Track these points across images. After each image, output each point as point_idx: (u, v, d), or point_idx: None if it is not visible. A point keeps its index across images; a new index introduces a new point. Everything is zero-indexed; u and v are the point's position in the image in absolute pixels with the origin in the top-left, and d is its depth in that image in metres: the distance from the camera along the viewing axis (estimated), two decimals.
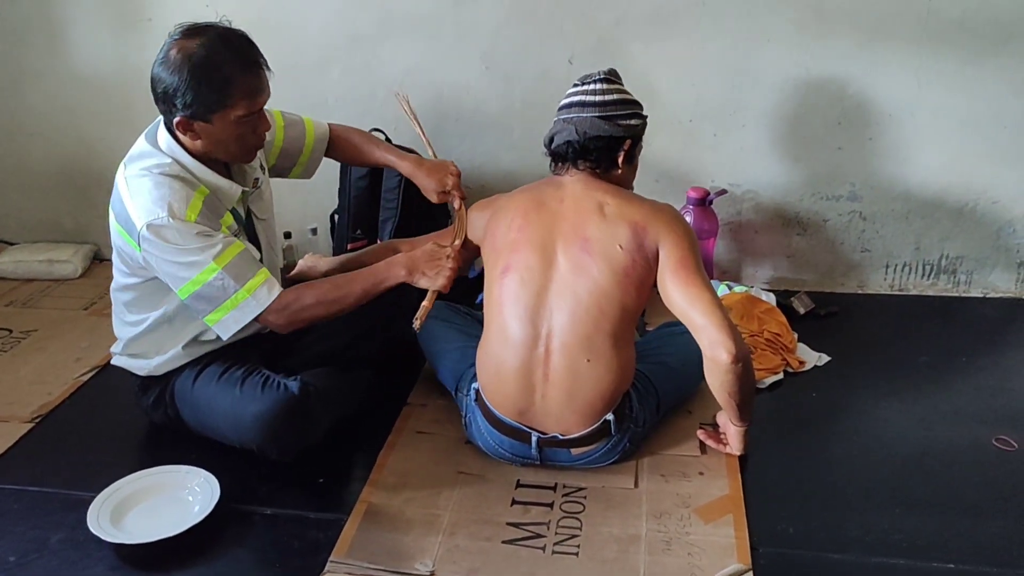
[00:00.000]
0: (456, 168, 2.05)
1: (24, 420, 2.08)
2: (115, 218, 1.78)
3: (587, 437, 1.77)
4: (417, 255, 1.86)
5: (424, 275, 1.84)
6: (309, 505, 1.77)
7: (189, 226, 1.70)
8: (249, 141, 1.78)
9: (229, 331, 1.78)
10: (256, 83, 1.72)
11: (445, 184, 2.02)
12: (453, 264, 1.85)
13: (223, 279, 1.71)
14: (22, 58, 2.82)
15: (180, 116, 1.69)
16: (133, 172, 1.75)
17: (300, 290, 1.81)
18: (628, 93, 1.80)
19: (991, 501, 1.75)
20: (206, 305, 1.75)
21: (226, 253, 1.72)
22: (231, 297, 1.73)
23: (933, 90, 2.40)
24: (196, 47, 1.65)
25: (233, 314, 1.75)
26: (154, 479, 1.80)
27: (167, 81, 1.66)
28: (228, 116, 1.70)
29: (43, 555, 1.65)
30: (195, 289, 1.72)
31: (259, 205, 1.96)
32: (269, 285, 1.77)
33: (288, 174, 2.14)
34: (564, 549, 1.63)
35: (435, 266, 1.85)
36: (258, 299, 1.75)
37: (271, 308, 1.76)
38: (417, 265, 1.84)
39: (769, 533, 1.66)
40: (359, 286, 1.83)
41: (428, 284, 1.85)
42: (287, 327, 1.81)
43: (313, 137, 2.10)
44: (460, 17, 2.54)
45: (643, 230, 1.71)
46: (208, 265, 1.70)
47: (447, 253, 1.86)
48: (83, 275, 2.92)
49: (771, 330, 2.29)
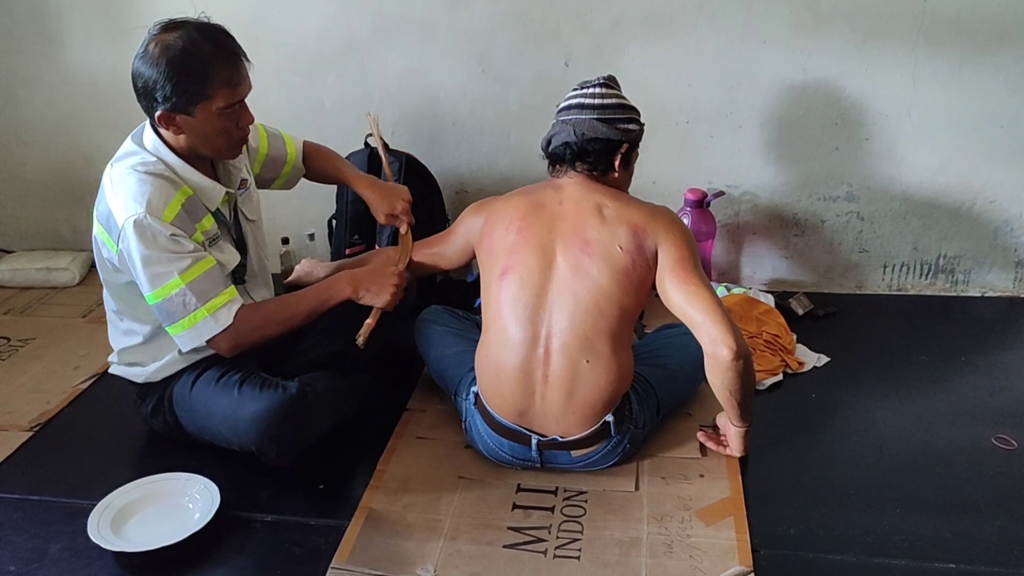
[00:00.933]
0: (408, 195, 2.11)
1: (23, 429, 2.07)
2: (97, 218, 1.79)
3: (587, 439, 1.77)
4: (360, 274, 1.90)
5: (368, 292, 1.87)
6: (310, 511, 1.77)
7: (164, 226, 1.69)
8: (233, 134, 1.78)
9: (186, 346, 1.79)
10: (235, 73, 1.72)
11: (395, 208, 2.07)
12: (396, 282, 1.89)
13: (185, 295, 1.72)
14: (17, 66, 2.82)
15: (161, 110, 1.69)
16: (118, 171, 1.75)
17: (246, 311, 1.80)
18: (627, 99, 1.82)
19: (991, 500, 1.75)
20: (166, 318, 1.76)
21: (193, 269, 1.72)
22: (190, 315, 1.74)
23: (929, 90, 2.41)
24: (174, 40, 1.66)
25: (190, 332, 1.75)
26: (154, 487, 1.79)
27: (146, 75, 1.67)
28: (209, 107, 1.70)
29: (43, 564, 1.65)
30: (158, 301, 1.73)
31: (248, 206, 1.97)
32: (230, 306, 1.77)
33: (271, 185, 2.17)
34: (566, 553, 1.63)
35: (379, 284, 1.88)
36: (217, 320, 1.75)
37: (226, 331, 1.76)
38: (361, 283, 1.87)
39: (770, 535, 1.66)
40: (305, 306, 1.85)
41: (372, 301, 1.88)
42: (232, 350, 1.80)
43: (294, 150, 2.15)
44: (455, 20, 2.54)
45: (642, 232, 1.71)
46: (173, 279, 1.71)
47: (391, 271, 1.90)
48: (81, 283, 2.91)
49: (770, 331, 2.29)
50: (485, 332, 1.82)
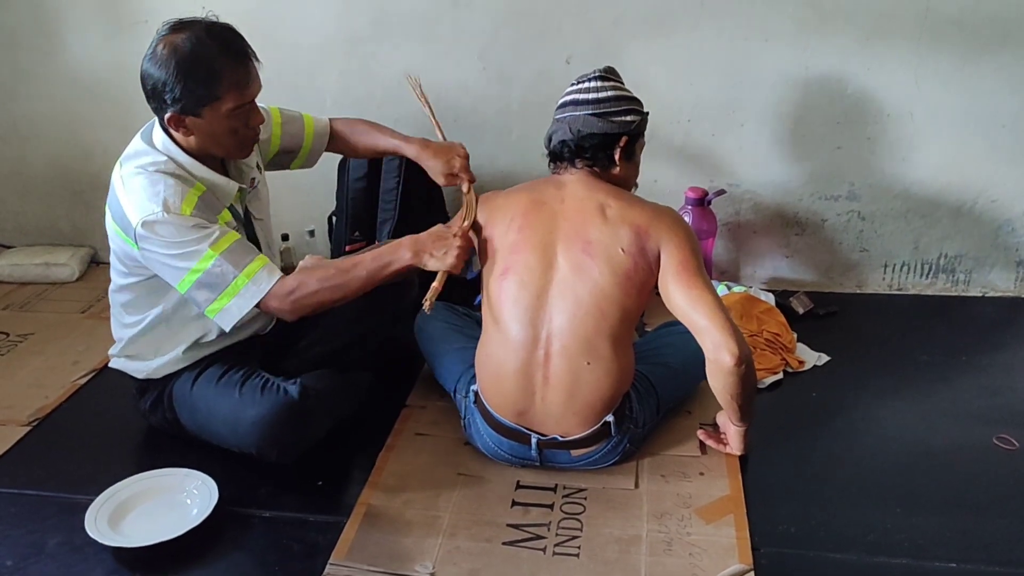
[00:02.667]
0: (464, 150, 2.00)
1: (21, 423, 2.07)
2: (111, 217, 1.77)
3: (587, 439, 1.77)
4: (423, 237, 1.80)
5: (432, 256, 1.77)
6: (308, 508, 1.76)
7: (184, 219, 1.68)
8: (243, 134, 1.76)
9: (231, 320, 1.75)
10: (244, 74, 1.70)
11: (452, 166, 1.97)
12: (461, 243, 1.77)
13: (222, 265, 1.69)
14: (17, 61, 2.82)
15: (171, 112, 1.68)
16: (128, 171, 1.74)
17: (303, 275, 1.76)
18: (625, 90, 1.79)
19: (992, 500, 1.74)
20: (207, 294, 1.72)
21: (222, 241, 1.70)
22: (231, 283, 1.71)
23: (932, 89, 2.40)
24: (182, 41, 1.64)
25: (235, 301, 1.72)
26: (152, 482, 1.79)
27: (155, 77, 1.66)
28: (219, 109, 1.69)
29: (40, 559, 1.64)
30: (195, 278, 1.70)
31: (256, 205, 1.96)
32: (268, 269, 1.74)
33: (289, 166, 2.13)
34: (565, 550, 1.63)
35: (442, 246, 1.77)
36: (258, 284, 1.72)
37: (273, 293, 1.73)
38: (424, 246, 1.78)
39: (770, 533, 1.66)
40: (364, 270, 1.77)
41: (437, 265, 1.77)
42: (293, 314, 1.76)
43: (312, 133, 2.10)
44: (457, 17, 2.53)
45: (645, 233, 1.70)
46: (205, 252, 1.68)
47: (454, 232, 1.79)
48: (80, 278, 2.91)
49: (770, 330, 2.29)
50: (485, 331, 1.81)
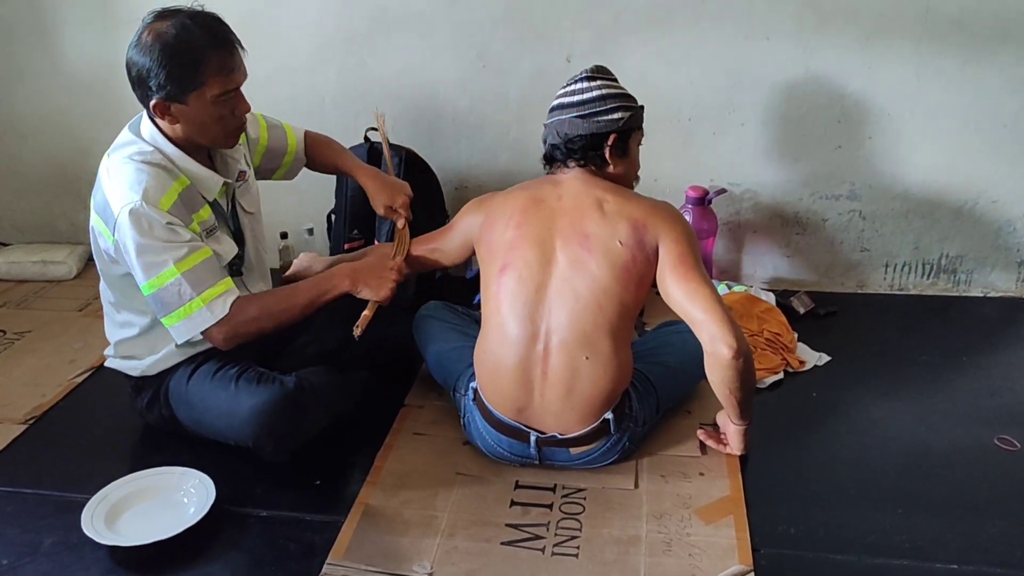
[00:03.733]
0: (409, 191, 2.11)
1: (17, 422, 2.06)
2: (94, 208, 1.77)
3: (586, 436, 1.76)
4: (360, 267, 1.89)
5: (367, 286, 1.87)
6: (306, 507, 1.76)
7: (160, 215, 1.68)
8: (229, 123, 1.76)
9: (181, 337, 1.77)
10: (229, 60, 1.70)
11: (394, 201, 2.07)
12: (395, 277, 1.89)
13: (180, 285, 1.70)
14: (13, 58, 2.81)
15: (156, 98, 1.68)
16: (115, 160, 1.74)
17: (242, 303, 1.78)
18: (613, 87, 1.76)
19: (993, 501, 1.74)
20: (161, 308, 1.74)
21: (189, 259, 1.71)
22: (185, 305, 1.72)
23: (932, 88, 2.40)
24: (167, 28, 1.65)
25: (184, 323, 1.74)
26: (149, 481, 1.78)
27: (139, 63, 1.66)
28: (204, 95, 1.69)
29: (36, 558, 1.63)
30: (152, 291, 1.72)
31: (247, 198, 1.96)
32: (225, 298, 1.75)
33: (272, 176, 2.17)
34: (564, 550, 1.62)
35: (377, 278, 1.87)
36: (212, 311, 1.74)
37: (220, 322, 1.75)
38: (360, 276, 1.87)
39: (770, 534, 1.65)
40: (303, 297, 1.83)
41: (370, 295, 1.87)
42: (227, 343, 1.78)
43: (294, 139, 2.14)
44: (455, 15, 2.53)
45: (643, 227, 1.70)
46: (169, 268, 1.69)
47: (390, 266, 1.90)
48: (77, 276, 2.90)
49: (771, 330, 2.28)
50: (484, 328, 1.81)
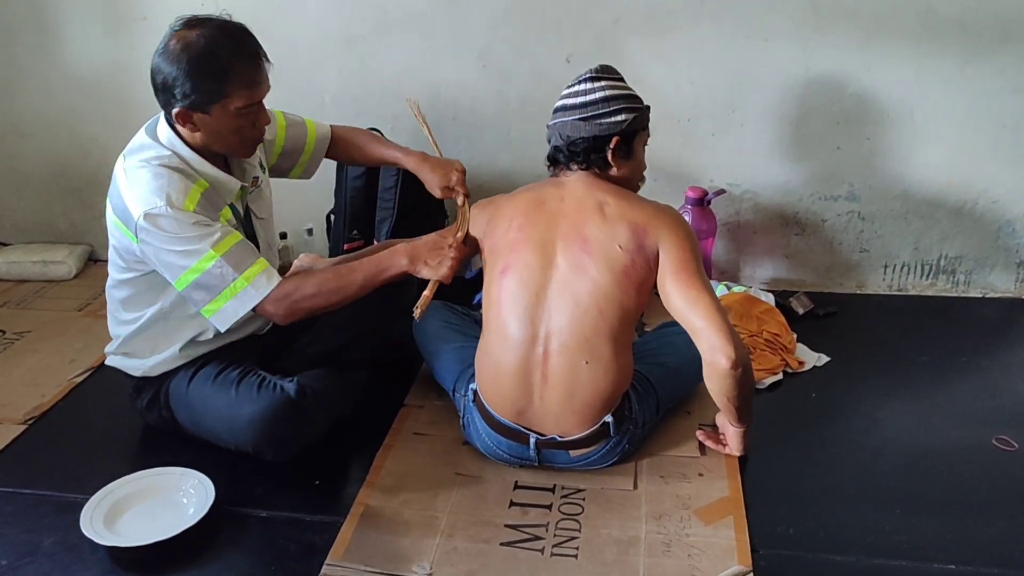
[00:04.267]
0: (462, 165, 2.02)
1: (17, 422, 2.06)
2: (112, 210, 1.77)
3: (586, 439, 1.76)
4: (419, 244, 1.83)
5: (426, 264, 1.80)
6: (305, 507, 1.76)
7: (187, 215, 1.68)
8: (248, 134, 1.76)
9: (227, 321, 1.75)
10: (255, 74, 1.70)
11: (450, 180, 1.99)
12: (456, 254, 1.80)
13: (222, 267, 1.69)
14: (15, 58, 2.81)
15: (179, 107, 1.68)
16: (132, 164, 1.74)
17: (299, 279, 1.77)
18: (618, 88, 1.75)
19: (992, 501, 1.74)
20: (204, 294, 1.72)
21: (225, 242, 1.70)
22: (229, 285, 1.71)
23: (932, 89, 2.40)
24: (195, 37, 1.64)
25: (231, 303, 1.72)
26: (148, 481, 1.78)
27: (166, 71, 1.66)
28: (227, 107, 1.68)
29: (36, 558, 1.63)
30: (193, 278, 1.70)
31: (258, 204, 1.95)
32: (268, 274, 1.74)
33: (288, 174, 2.14)
34: (563, 551, 1.62)
35: (438, 255, 1.80)
36: (257, 288, 1.72)
37: (269, 298, 1.73)
38: (419, 254, 1.80)
39: (769, 534, 1.65)
40: (360, 275, 1.79)
41: (430, 274, 1.80)
42: (286, 318, 1.77)
43: (314, 138, 2.10)
44: (456, 15, 2.53)
45: (643, 231, 1.69)
46: (207, 253, 1.68)
47: (449, 243, 1.83)
48: (77, 276, 2.90)
49: (770, 330, 2.28)
50: (485, 330, 1.81)
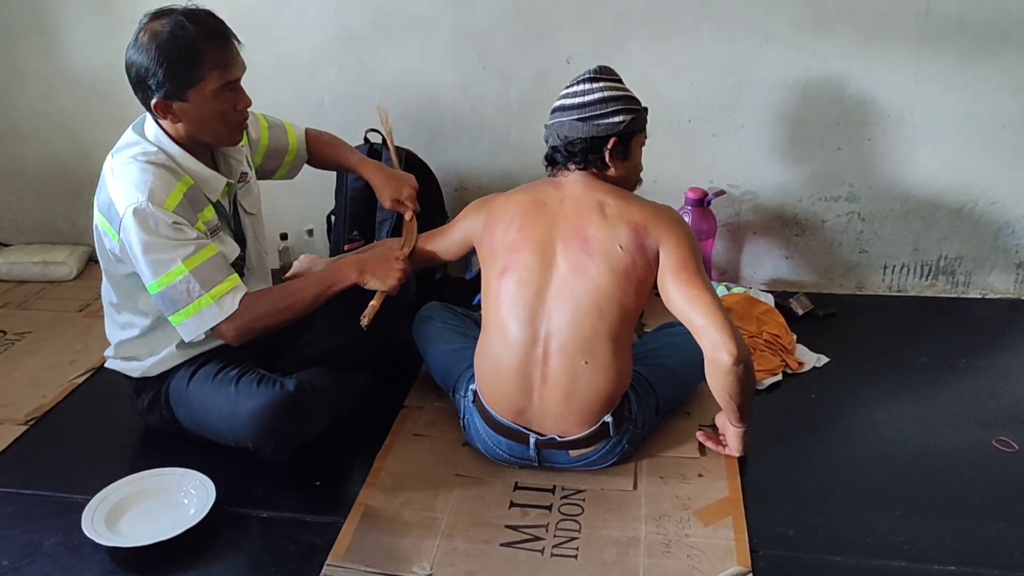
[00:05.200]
0: (415, 182, 2.11)
1: (18, 422, 2.07)
2: (98, 208, 1.78)
3: (586, 439, 1.76)
4: (367, 257, 1.90)
5: (373, 276, 1.87)
6: (305, 508, 1.76)
7: (166, 214, 1.69)
8: (231, 117, 1.77)
9: (190, 334, 1.77)
10: (225, 54, 1.71)
11: (401, 193, 2.08)
12: (402, 267, 1.89)
13: (189, 282, 1.71)
14: (15, 59, 2.81)
15: (156, 97, 1.69)
16: (119, 161, 1.75)
17: (252, 299, 1.78)
18: (616, 89, 1.75)
19: (991, 502, 1.74)
20: (169, 305, 1.74)
21: (196, 256, 1.71)
22: (194, 302, 1.73)
23: (932, 90, 2.40)
24: (161, 26, 1.66)
25: (193, 320, 1.74)
26: (149, 482, 1.78)
27: (138, 63, 1.67)
28: (203, 91, 1.69)
29: (37, 559, 1.64)
30: (160, 289, 1.72)
31: (248, 200, 1.97)
32: (234, 293, 1.76)
33: (273, 175, 2.17)
34: (563, 552, 1.62)
35: (384, 268, 1.88)
36: (222, 307, 1.74)
37: (230, 317, 1.75)
38: (367, 267, 1.87)
39: (769, 535, 1.66)
40: (310, 292, 1.83)
41: (377, 285, 1.88)
42: (238, 339, 1.79)
43: (295, 138, 2.15)
44: (456, 17, 2.53)
45: (644, 231, 1.70)
46: (176, 266, 1.70)
47: (396, 255, 1.91)
48: (78, 277, 2.90)
49: (770, 331, 2.28)
50: (484, 330, 1.81)
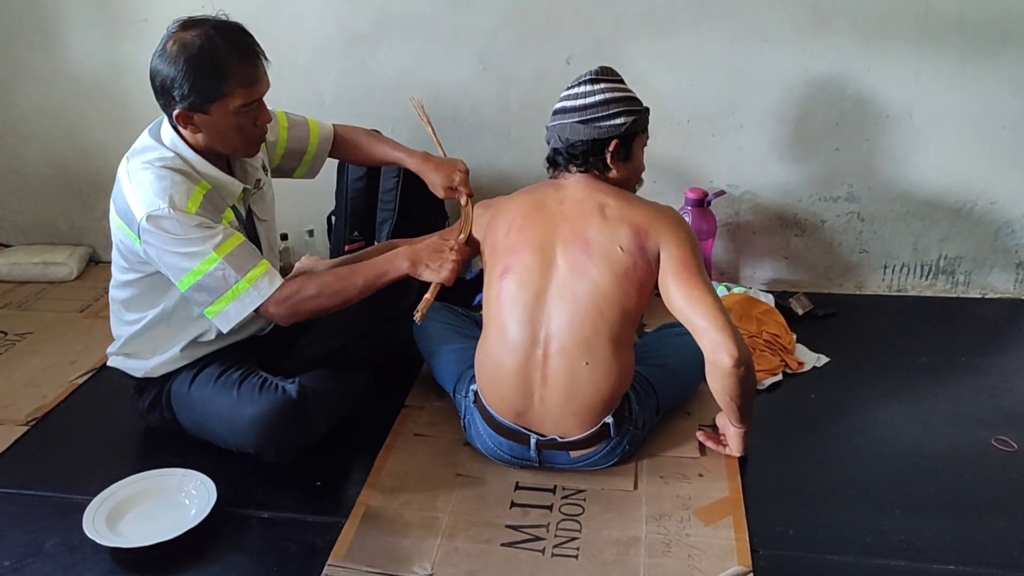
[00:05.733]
0: (465, 166, 2.03)
1: (19, 423, 2.07)
2: (115, 211, 1.77)
3: (586, 440, 1.77)
4: (420, 248, 1.83)
5: (428, 267, 1.80)
6: (306, 508, 1.76)
7: (189, 217, 1.69)
8: (250, 133, 1.77)
9: (230, 323, 1.76)
10: (253, 72, 1.71)
11: (452, 180, 1.99)
12: (457, 257, 1.81)
13: (224, 269, 1.70)
14: (15, 59, 2.81)
15: (179, 108, 1.68)
16: (135, 166, 1.74)
17: (302, 281, 1.78)
18: (617, 90, 1.75)
19: (991, 502, 1.74)
20: (207, 296, 1.73)
21: (227, 243, 1.71)
22: (232, 287, 1.72)
23: (931, 90, 2.40)
24: (192, 38, 1.65)
25: (234, 305, 1.74)
26: (150, 482, 1.78)
27: (164, 73, 1.66)
28: (227, 106, 1.69)
29: (38, 559, 1.64)
30: (196, 280, 1.71)
31: (261, 206, 1.95)
32: (270, 276, 1.75)
33: (292, 174, 2.14)
34: (564, 552, 1.62)
35: (439, 258, 1.81)
36: (259, 290, 1.73)
37: (272, 299, 1.74)
38: (421, 257, 1.81)
39: (769, 535, 1.66)
40: (361, 278, 1.80)
41: (432, 276, 1.81)
42: (288, 319, 1.79)
43: (317, 137, 2.10)
44: (457, 17, 2.53)
45: (644, 232, 1.70)
46: (209, 255, 1.69)
47: (451, 246, 1.83)
48: (79, 277, 2.91)
49: (770, 331, 2.28)
50: (485, 331, 1.81)
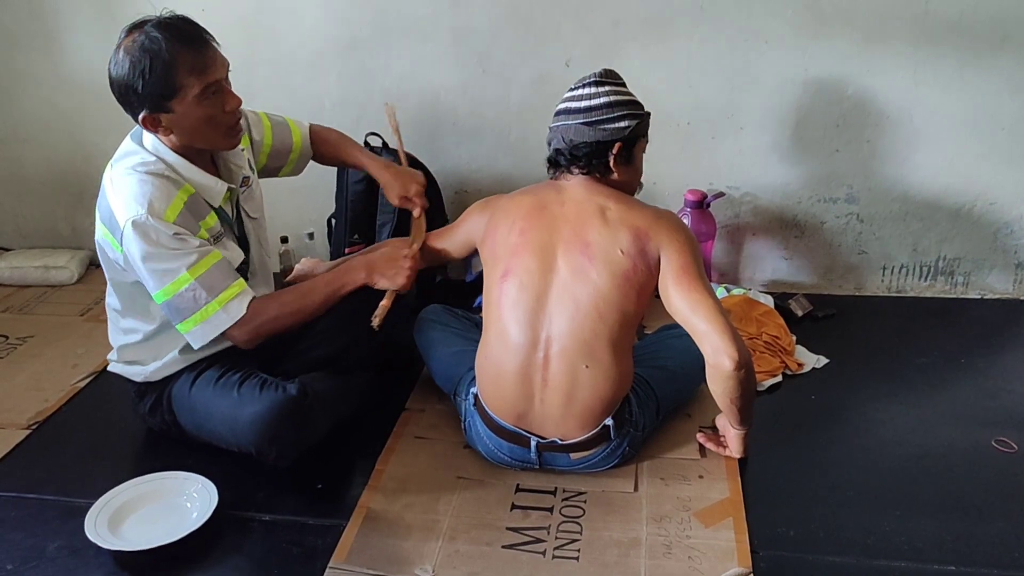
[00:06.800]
0: (423, 178, 2.10)
1: (21, 427, 2.07)
2: (100, 218, 1.78)
3: (586, 442, 1.77)
4: (375, 257, 1.90)
5: (383, 276, 1.88)
6: (308, 511, 1.76)
7: (167, 226, 1.69)
8: (222, 120, 1.74)
9: (199, 341, 1.78)
10: (200, 58, 1.67)
11: (408, 190, 2.07)
12: (411, 264, 1.89)
13: (195, 290, 1.71)
14: (16, 64, 2.82)
15: (143, 113, 1.68)
16: (118, 171, 1.75)
17: (261, 303, 1.80)
18: (621, 93, 1.76)
19: (991, 503, 1.75)
20: (176, 314, 1.75)
21: (201, 263, 1.71)
22: (201, 309, 1.73)
23: (931, 91, 2.41)
24: (133, 41, 1.65)
25: (202, 327, 1.75)
26: (152, 485, 1.79)
27: (117, 80, 1.67)
28: (185, 99, 1.67)
29: (40, 563, 1.64)
30: (166, 299, 1.73)
31: (250, 204, 1.97)
32: (241, 298, 1.76)
33: (278, 173, 2.16)
34: (564, 553, 1.63)
35: (393, 266, 1.89)
36: (229, 312, 1.75)
37: (237, 323, 1.76)
38: (376, 267, 1.88)
39: (769, 536, 1.66)
40: (320, 294, 1.84)
41: (387, 284, 1.88)
42: (250, 343, 1.80)
43: (299, 135, 2.14)
44: (456, 20, 2.53)
45: (645, 236, 1.70)
46: (181, 275, 1.70)
47: (405, 254, 1.90)
48: (80, 281, 2.91)
49: (769, 332, 2.29)
50: (485, 334, 1.81)
